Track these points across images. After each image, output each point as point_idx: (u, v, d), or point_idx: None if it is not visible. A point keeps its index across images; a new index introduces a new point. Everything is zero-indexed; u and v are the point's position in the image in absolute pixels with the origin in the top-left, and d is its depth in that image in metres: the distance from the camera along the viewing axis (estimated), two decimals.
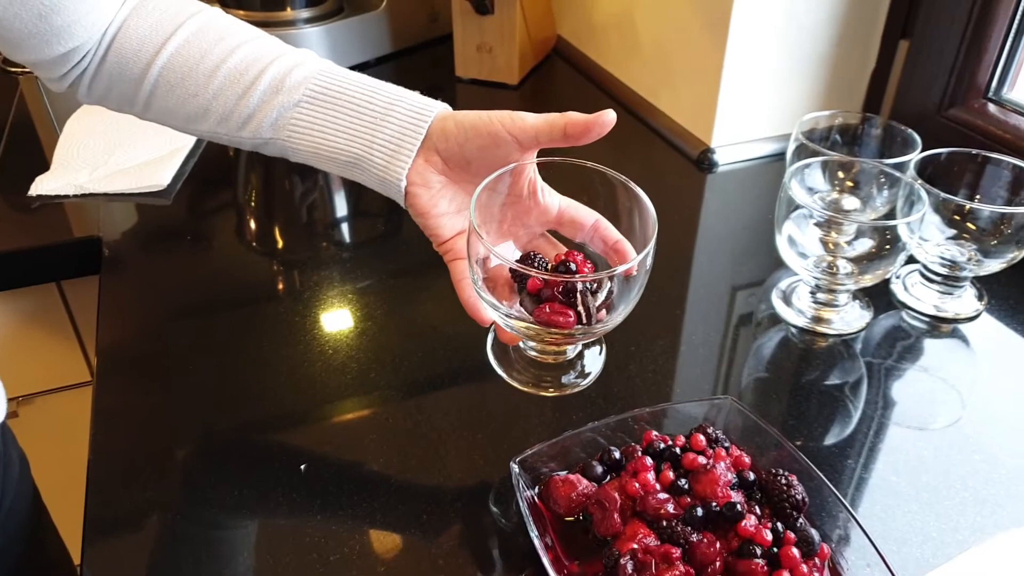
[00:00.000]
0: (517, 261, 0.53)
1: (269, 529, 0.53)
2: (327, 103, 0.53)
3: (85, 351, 0.94)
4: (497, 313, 0.51)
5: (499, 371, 0.58)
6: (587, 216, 0.55)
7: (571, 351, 0.60)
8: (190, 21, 0.54)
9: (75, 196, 0.89)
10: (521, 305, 0.52)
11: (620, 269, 0.50)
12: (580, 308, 0.49)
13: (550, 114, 0.50)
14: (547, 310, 0.49)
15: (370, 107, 0.52)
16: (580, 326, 0.49)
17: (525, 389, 0.57)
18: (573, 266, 0.52)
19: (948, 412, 0.63)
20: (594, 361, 0.61)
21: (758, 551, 0.45)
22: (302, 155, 0.55)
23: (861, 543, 0.47)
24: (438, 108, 0.53)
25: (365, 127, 0.52)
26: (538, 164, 0.54)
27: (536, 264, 0.53)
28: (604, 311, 0.51)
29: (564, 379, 0.59)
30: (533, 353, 0.58)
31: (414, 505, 0.55)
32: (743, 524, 0.46)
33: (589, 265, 0.54)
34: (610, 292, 0.52)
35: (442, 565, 0.50)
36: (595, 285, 0.50)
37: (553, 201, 0.55)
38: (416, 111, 0.52)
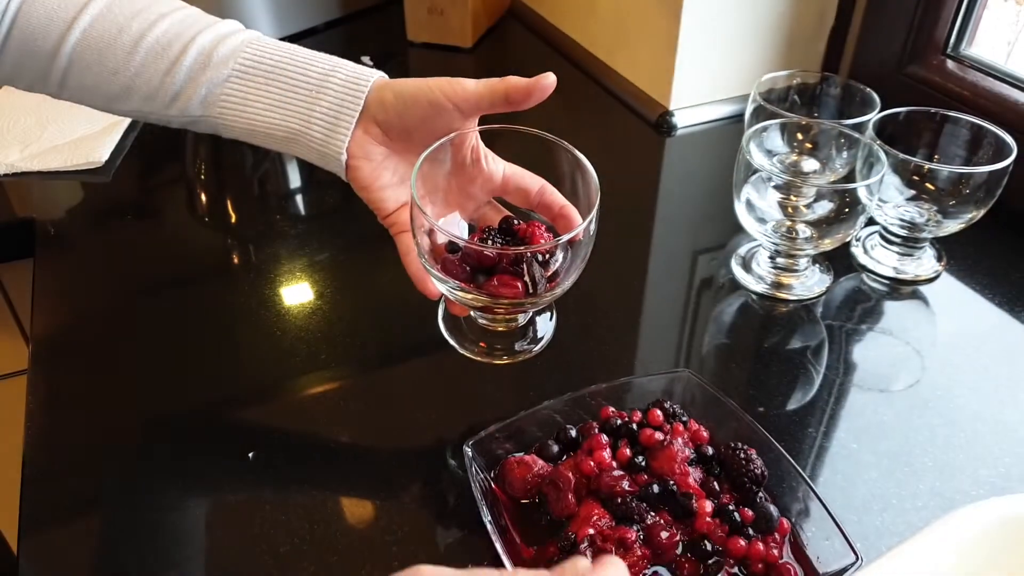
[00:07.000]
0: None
1: (215, 520, 0.51)
2: (259, 77, 0.50)
3: (27, 337, 0.91)
4: (445, 286, 0.50)
5: (451, 342, 0.57)
6: (533, 182, 0.53)
7: (522, 318, 0.58)
8: None
9: (5, 175, 0.84)
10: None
11: (565, 238, 0.48)
12: (527, 278, 0.47)
13: (490, 79, 0.48)
14: (495, 282, 0.48)
15: (305, 79, 0.50)
16: (529, 296, 0.48)
17: (478, 359, 0.56)
18: (515, 222, 0.50)
19: (908, 374, 0.63)
20: (545, 326, 0.60)
21: (708, 546, 0.44)
22: (236, 132, 0.52)
23: (820, 515, 0.47)
24: (374, 77, 0.51)
25: (301, 101, 0.50)
26: (481, 132, 0.52)
27: (491, 236, 0.51)
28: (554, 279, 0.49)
29: (516, 346, 0.58)
30: (484, 322, 0.57)
31: (368, 489, 0.53)
32: (700, 520, 0.45)
33: (547, 234, 0.52)
34: (561, 260, 0.50)
35: (396, 552, 0.49)
36: (545, 256, 0.49)
37: (498, 168, 0.53)
38: (352, 81, 0.50)
